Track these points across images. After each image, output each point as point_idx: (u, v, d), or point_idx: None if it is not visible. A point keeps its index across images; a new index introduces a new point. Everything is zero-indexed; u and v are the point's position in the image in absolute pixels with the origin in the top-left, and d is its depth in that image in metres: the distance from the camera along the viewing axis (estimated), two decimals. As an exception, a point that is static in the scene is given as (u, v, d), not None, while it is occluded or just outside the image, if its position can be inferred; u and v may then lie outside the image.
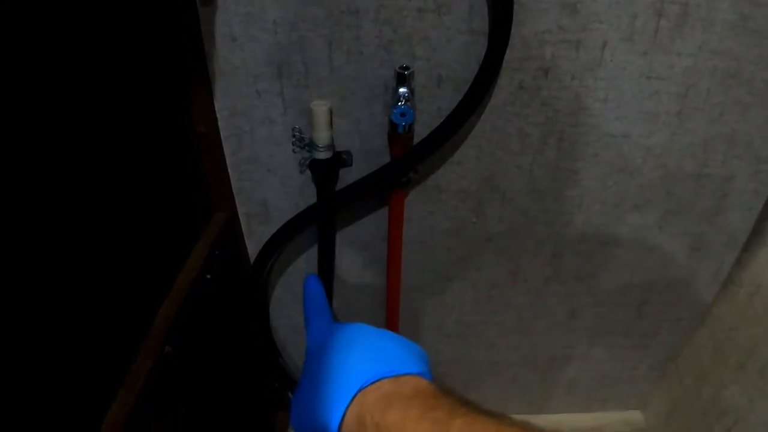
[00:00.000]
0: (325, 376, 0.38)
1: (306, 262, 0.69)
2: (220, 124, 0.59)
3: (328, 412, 0.36)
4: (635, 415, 0.93)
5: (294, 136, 0.58)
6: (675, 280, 0.72)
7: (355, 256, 0.69)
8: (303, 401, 0.40)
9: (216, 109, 0.58)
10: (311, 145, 0.57)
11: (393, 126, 0.54)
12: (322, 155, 0.57)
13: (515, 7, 0.49)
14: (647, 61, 0.55)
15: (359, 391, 0.35)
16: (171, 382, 0.53)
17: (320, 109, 0.55)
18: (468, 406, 0.32)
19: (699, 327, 0.77)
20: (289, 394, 0.86)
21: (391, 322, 0.72)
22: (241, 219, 0.66)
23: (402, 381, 0.36)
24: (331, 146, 0.57)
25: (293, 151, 0.59)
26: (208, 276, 0.59)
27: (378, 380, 0.36)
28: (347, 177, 0.60)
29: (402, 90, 0.52)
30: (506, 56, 0.52)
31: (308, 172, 0.60)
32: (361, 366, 0.37)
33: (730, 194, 0.65)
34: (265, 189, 0.63)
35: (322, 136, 0.56)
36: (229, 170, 0.62)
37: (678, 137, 0.60)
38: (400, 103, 0.52)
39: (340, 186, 0.60)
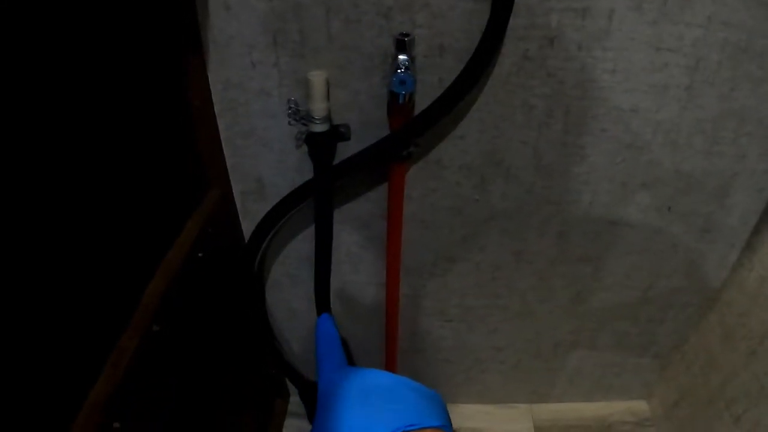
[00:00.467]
0: (342, 426, 0.36)
1: (302, 242, 0.67)
2: (214, 97, 0.57)
3: None
4: (640, 405, 0.91)
5: (290, 108, 0.56)
6: (683, 263, 0.70)
7: (353, 235, 0.67)
8: None
9: (210, 81, 0.56)
10: (308, 118, 0.55)
11: (393, 96, 0.52)
12: (319, 128, 0.55)
13: (520, -29, 0.47)
14: (656, 31, 0.53)
15: None
16: (158, 361, 0.51)
17: (317, 79, 0.53)
18: None
19: (707, 313, 0.74)
20: (286, 380, 0.84)
21: (390, 304, 0.70)
22: (235, 197, 0.64)
23: None
24: (328, 118, 0.55)
25: (289, 123, 0.56)
26: (200, 254, 0.58)
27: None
28: (345, 151, 0.58)
29: (402, 57, 0.50)
30: (510, 24, 0.50)
31: (305, 147, 0.58)
32: (382, 417, 0.35)
33: (741, 174, 0.63)
34: (261, 165, 0.61)
35: (318, 108, 0.54)
36: (224, 145, 0.60)
37: (688, 112, 0.58)
38: (399, 71, 0.50)
39: (337, 161, 0.58)
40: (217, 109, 0.58)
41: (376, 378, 0.40)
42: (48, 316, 0.39)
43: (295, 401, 0.87)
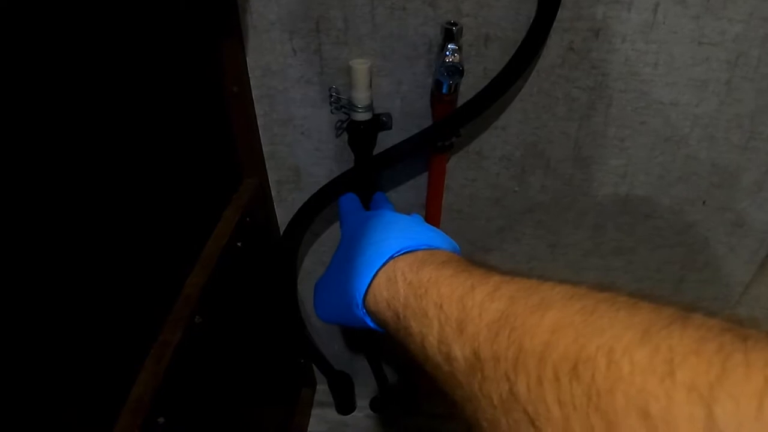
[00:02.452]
0: (357, 250, 0.37)
1: (338, 231, 0.67)
2: (252, 83, 0.57)
3: (357, 277, 0.35)
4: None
5: (331, 96, 0.55)
6: (714, 257, 0.70)
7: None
8: (331, 279, 0.40)
9: (248, 67, 0.56)
10: (349, 106, 0.55)
11: (438, 85, 0.51)
12: (361, 117, 0.55)
13: (568, -38, 0.47)
14: (699, 25, 0.53)
15: (391, 257, 0.34)
16: (200, 353, 0.51)
17: (361, 67, 0.52)
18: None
19: (735, 307, 0.75)
20: (314, 366, 0.84)
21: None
22: (271, 185, 0.63)
23: (435, 251, 0.35)
24: (370, 107, 0.55)
25: (331, 112, 0.56)
26: (239, 244, 0.57)
27: (412, 250, 0.35)
28: (385, 141, 0.58)
29: (450, 46, 0.49)
30: (557, 15, 0.50)
31: (344, 136, 0.58)
32: (396, 239, 0.36)
33: (776, 169, 0.63)
34: (298, 153, 0.61)
35: (361, 97, 0.54)
36: (261, 133, 0.60)
37: (726, 107, 0.58)
38: (447, 60, 0.50)
39: (377, 150, 0.58)
40: (255, 95, 0.57)
41: (395, 216, 0.42)
42: (89, 311, 0.39)
43: (321, 390, 0.87)
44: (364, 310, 0.35)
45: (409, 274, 0.32)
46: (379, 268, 0.34)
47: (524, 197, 0.63)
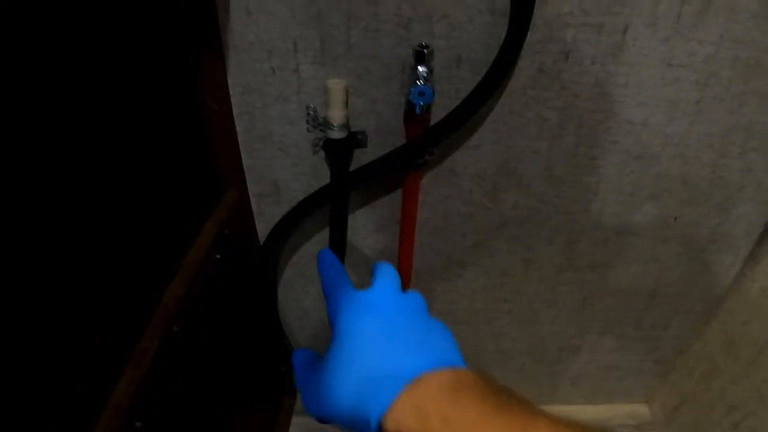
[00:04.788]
0: (363, 357, 0.34)
1: (316, 244, 0.68)
2: (232, 101, 0.58)
3: (369, 396, 0.31)
4: (641, 409, 0.93)
5: (308, 114, 0.57)
6: (688, 271, 0.71)
7: (367, 240, 0.68)
8: (328, 381, 0.35)
9: (229, 85, 0.57)
10: (326, 125, 0.56)
11: (411, 106, 0.53)
12: (337, 135, 0.56)
13: (538, -14, 0.48)
14: (669, 47, 0.54)
15: (413, 378, 0.31)
16: (178, 361, 0.52)
17: (337, 87, 0.54)
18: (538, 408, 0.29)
19: (710, 320, 0.76)
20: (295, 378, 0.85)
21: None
22: (251, 199, 0.65)
23: (461, 373, 0.32)
24: (346, 126, 0.56)
25: (308, 130, 0.57)
26: (218, 256, 0.59)
27: (436, 369, 0.31)
28: (361, 158, 0.59)
29: (421, 69, 0.51)
30: (527, 38, 0.51)
31: (321, 153, 0.59)
32: (415, 354, 0.33)
33: (747, 187, 0.64)
34: (277, 169, 0.62)
35: (337, 115, 0.55)
36: (241, 149, 0.61)
37: (697, 126, 0.59)
38: (418, 82, 0.51)
39: (353, 167, 0.59)
40: (235, 112, 0.59)
41: (399, 314, 0.36)
42: (71, 317, 0.40)
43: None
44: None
45: (442, 404, 0.29)
46: (401, 390, 0.31)
47: (497, 213, 0.65)
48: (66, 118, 0.36)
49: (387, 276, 0.40)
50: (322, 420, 0.37)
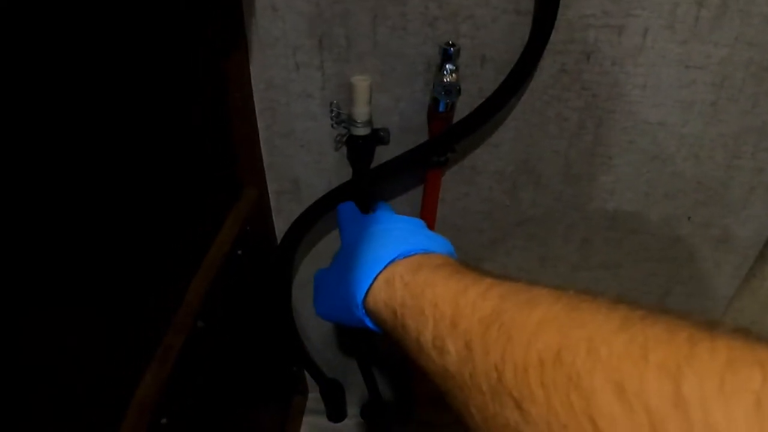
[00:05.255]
0: (357, 256, 0.40)
1: (333, 241, 0.69)
2: (255, 96, 0.58)
3: (357, 281, 0.37)
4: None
5: (332, 111, 0.57)
6: (699, 271, 0.72)
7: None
8: (332, 281, 0.44)
9: (252, 80, 0.57)
10: (349, 121, 0.56)
11: (435, 103, 0.53)
12: (360, 131, 0.56)
13: (562, -12, 0.49)
14: (686, 49, 0.55)
15: (390, 262, 0.37)
16: (202, 357, 0.52)
17: (362, 84, 0.54)
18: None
19: (720, 319, 0.77)
20: (306, 374, 0.85)
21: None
22: (270, 195, 0.65)
23: (432, 255, 0.38)
24: (369, 123, 0.56)
25: (332, 126, 0.58)
26: (240, 252, 0.59)
27: (409, 255, 0.37)
28: (383, 155, 0.59)
29: (449, 66, 0.51)
30: (550, 38, 0.52)
31: (343, 150, 0.60)
32: (394, 245, 0.39)
33: (758, 188, 0.65)
34: (298, 165, 0.62)
35: (361, 112, 0.55)
36: (262, 144, 0.61)
37: (711, 127, 0.61)
38: (445, 80, 0.52)
39: (375, 164, 0.60)
40: (258, 108, 0.59)
41: (394, 221, 0.45)
42: (97, 315, 0.40)
43: (313, 397, 0.88)
44: (363, 311, 0.38)
45: (407, 276, 0.35)
46: (379, 273, 0.37)
47: (515, 211, 0.65)
48: (87, 112, 0.36)
49: (385, 207, 0.53)
50: (328, 319, 0.47)
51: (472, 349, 0.27)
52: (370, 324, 0.38)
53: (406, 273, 0.35)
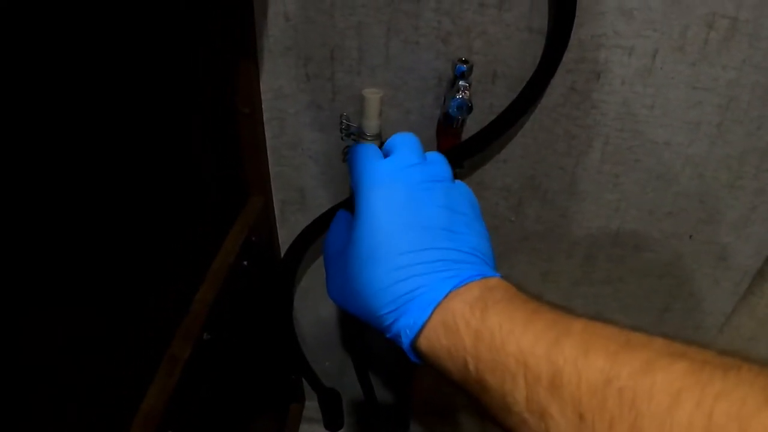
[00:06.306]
0: (389, 253, 0.33)
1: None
2: (263, 105, 0.58)
3: (401, 314, 0.32)
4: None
5: (342, 123, 0.57)
6: (699, 288, 0.73)
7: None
8: (352, 272, 0.35)
9: (261, 90, 0.57)
10: (359, 134, 0.56)
11: (447, 118, 0.53)
12: (370, 144, 0.56)
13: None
14: (695, 71, 0.56)
15: (444, 297, 0.31)
16: (208, 368, 0.51)
17: (373, 97, 0.54)
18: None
19: (717, 336, 0.78)
20: (304, 382, 0.85)
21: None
22: (275, 205, 0.64)
23: (489, 282, 0.32)
24: (379, 136, 0.56)
25: (342, 138, 0.57)
26: (245, 262, 0.58)
27: (465, 283, 0.32)
28: (391, 168, 0.59)
29: (462, 83, 0.51)
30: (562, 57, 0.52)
31: (351, 162, 0.59)
32: (441, 263, 0.33)
33: (759, 207, 0.66)
34: (304, 176, 0.62)
35: (371, 125, 0.55)
36: (269, 154, 0.61)
37: (717, 148, 0.61)
38: (458, 96, 0.52)
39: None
40: (265, 117, 0.58)
41: (424, 194, 0.36)
42: (103, 324, 0.39)
43: (310, 406, 0.88)
44: (410, 348, 0.33)
45: (473, 320, 0.30)
46: (432, 310, 0.32)
47: (520, 227, 0.66)
48: (95, 119, 0.35)
49: (407, 145, 0.38)
50: (342, 307, 0.37)
51: (586, 419, 0.24)
52: (414, 359, 0.33)
53: (471, 315, 0.30)
